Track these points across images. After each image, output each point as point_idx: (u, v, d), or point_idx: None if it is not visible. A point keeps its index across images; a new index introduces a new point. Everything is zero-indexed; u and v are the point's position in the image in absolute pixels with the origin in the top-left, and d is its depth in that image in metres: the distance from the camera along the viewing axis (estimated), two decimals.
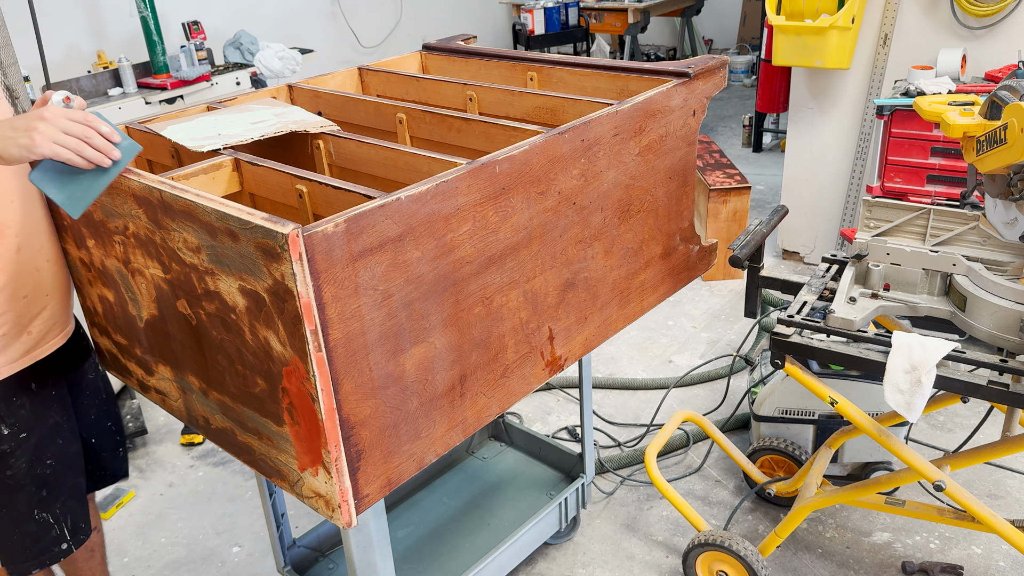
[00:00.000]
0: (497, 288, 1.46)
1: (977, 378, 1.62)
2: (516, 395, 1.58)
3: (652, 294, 1.90)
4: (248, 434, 1.41)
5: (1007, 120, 1.54)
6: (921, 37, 3.40)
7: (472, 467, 2.51)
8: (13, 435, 1.55)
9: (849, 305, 1.83)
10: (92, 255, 1.59)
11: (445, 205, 1.31)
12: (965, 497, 1.80)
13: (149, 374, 1.63)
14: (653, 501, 2.58)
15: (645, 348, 3.44)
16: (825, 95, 3.74)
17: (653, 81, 1.82)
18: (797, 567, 2.29)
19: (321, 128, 1.70)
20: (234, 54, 4.30)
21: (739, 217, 3.86)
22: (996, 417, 2.70)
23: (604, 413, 3.02)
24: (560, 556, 2.40)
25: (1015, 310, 1.65)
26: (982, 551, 2.30)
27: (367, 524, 1.55)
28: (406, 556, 2.19)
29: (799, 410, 2.45)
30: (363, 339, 1.24)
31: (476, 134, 1.71)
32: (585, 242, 1.63)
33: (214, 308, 1.31)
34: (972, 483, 2.55)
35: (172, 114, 1.81)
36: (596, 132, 1.57)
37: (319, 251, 1.14)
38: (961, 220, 1.90)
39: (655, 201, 1.80)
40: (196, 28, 4.04)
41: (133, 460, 2.94)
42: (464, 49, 2.20)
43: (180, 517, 2.65)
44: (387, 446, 1.33)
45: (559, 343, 1.65)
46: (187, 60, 3.88)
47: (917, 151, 3.05)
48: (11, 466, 1.56)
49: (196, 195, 1.24)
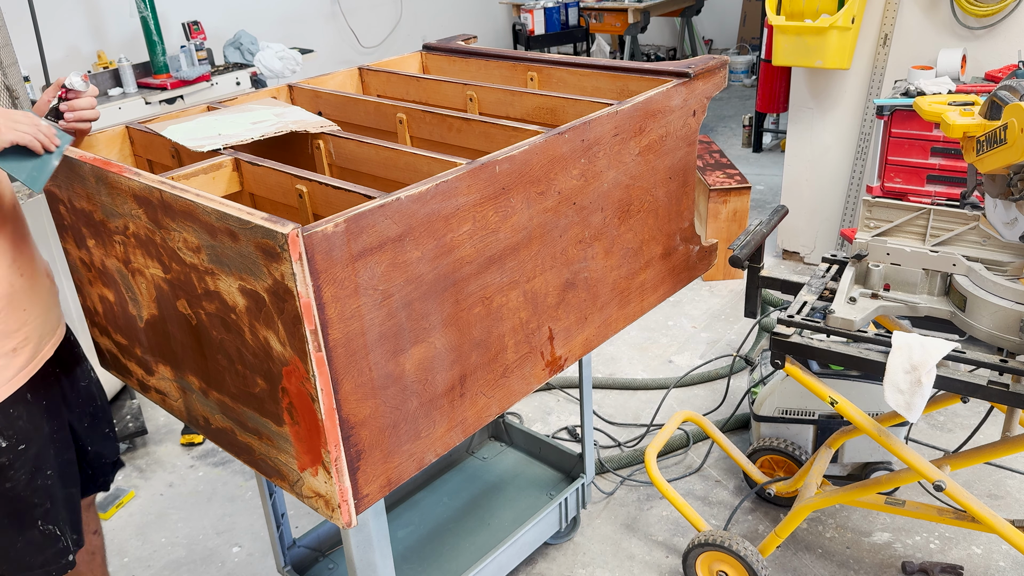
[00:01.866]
0: (497, 288, 1.46)
1: (977, 378, 1.62)
2: (516, 395, 1.58)
3: (652, 294, 1.90)
4: (248, 434, 1.41)
5: (1007, 120, 1.54)
6: (921, 37, 3.40)
7: (472, 467, 2.51)
8: (11, 447, 1.55)
9: (849, 305, 1.83)
10: (92, 255, 1.59)
11: (445, 205, 1.31)
12: (965, 497, 1.80)
13: (149, 374, 1.63)
14: (653, 501, 2.58)
15: (645, 348, 3.44)
16: (825, 95, 3.74)
17: (653, 81, 1.82)
18: (797, 567, 2.29)
19: (321, 128, 1.70)
20: (234, 54, 4.30)
21: (739, 217, 3.86)
22: (996, 417, 2.70)
23: (604, 413, 3.02)
24: (560, 556, 2.40)
25: (1015, 310, 1.65)
26: (982, 551, 2.30)
27: (367, 524, 1.55)
28: (406, 556, 2.19)
29: (799, 410, 2.45)
30: (363, 339, 1.24)
31: (476, 134, 1.71)
32: (585, 242, 1.63)
33: (214, 308, 1.31)
34: (972, 483, 2.55)
35: (172, 114, 1.81)
36: (596, 132, 1.57)
37: (319, 251, 1.14)
38: (961, 220, 1.90)
39: (655, 201, 1.81)
40: (196, 28, 4.04)
41: (133, 460, 2.94)
42: (464, 49, 2.20)
43: (180, 517, 2.65)
44: (387, 446, 1.33)
45: (559, 343, 1.65)
46: (187, 60, 3.88)
47: (917, 151, 3.05)
48: (10, 478, 1.56)
49: (196, 195, 1.24)
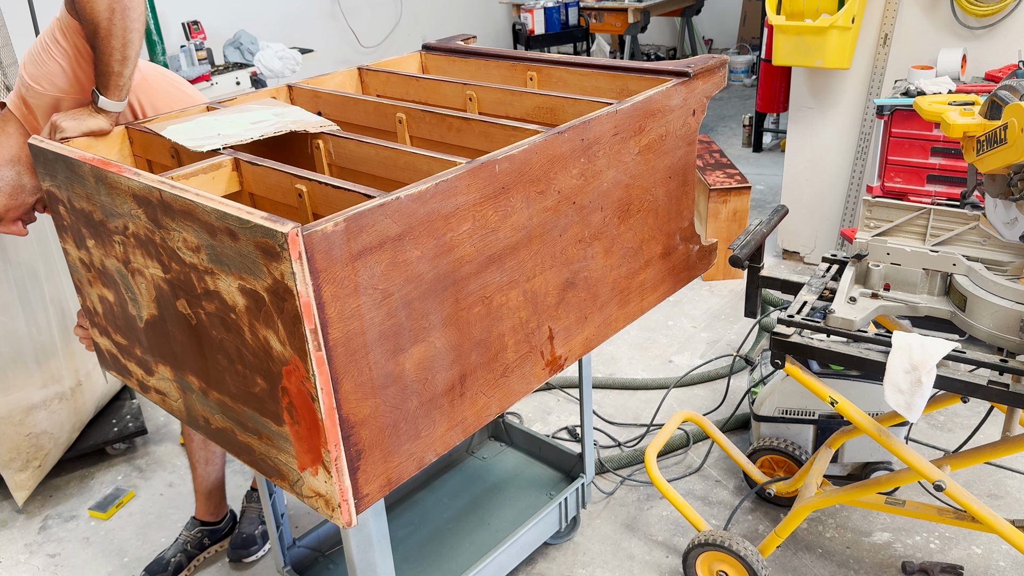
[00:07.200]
0: (497, 287, 1.46)
1: (977, 378, 1.62)
2: (516, 395, 1.58)
3: (652, 294, 1.90)
4: (248, 434, 1.41)
5: (1007, 120, 1.54)
6: (921, 37, 3.40)
7: (472, 467, 2.51)
8: None
9: (849, 305, 1.83)
10: (92, 255, 1.59)
11: (445, 204, 1.31)
12: (965, 497, 1.80)
13: (149, 374, 1.63)
14: (653, 501, 2.58)
15: (645, 348, 3.44)
16: (825, 95, 3.74)
17: (653, 81, 1.82)
18: (797, 567, 2.29)
19: (321, 128, 1.70)
20: (234, 54, 4.30)
21: (739, 217, 3.86)
22: (996, 417, 2.71)
23: (604, 413, 3.02)
24: (560, 556, 2.40)
25: (1015, 310, 1.65)
26: (982, 551, 2.30)
27: (367, 524, 1.55)
28: (406, 556, 2.19)
29: (799, 410, 2.45)
30: (363, 338, 1.24)
31: (476, 134, 1.71)
32: (585, 241, 1.63)
33: (214, 308, 1.31)
34: (972, 483, 2.55)
35: (172, 114, 1.81)
36: (596, 131, 1.57)
37: (319, 250, 1.14)
38: (961, 220, 1.90)
39: (655, 201, 1.80)
40: (196, 28, 4.04)
41: (133, 460, 2.94)
42: (464, 49, 2.20)
43: (180, 517, 2.65)
44: (387, 445, 1.33)
45: (559, 343, 1.65)
46: (187, 60, 3.88)
47: (917, 151, 3.05)
48: None
49: (196, 195, 1.24)
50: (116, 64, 1.66)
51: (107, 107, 1.69)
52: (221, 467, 2.44)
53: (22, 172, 1.85)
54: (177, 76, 2.09)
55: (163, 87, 1.98)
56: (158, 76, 2.00)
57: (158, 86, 1.97)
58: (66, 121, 1.66)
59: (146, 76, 1.95)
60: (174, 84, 2.02)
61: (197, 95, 2.05)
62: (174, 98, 1.98)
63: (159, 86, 1.97)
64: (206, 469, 2.40)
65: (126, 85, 1.70)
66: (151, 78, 1.97)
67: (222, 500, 2.51)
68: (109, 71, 1.66)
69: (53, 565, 2.51)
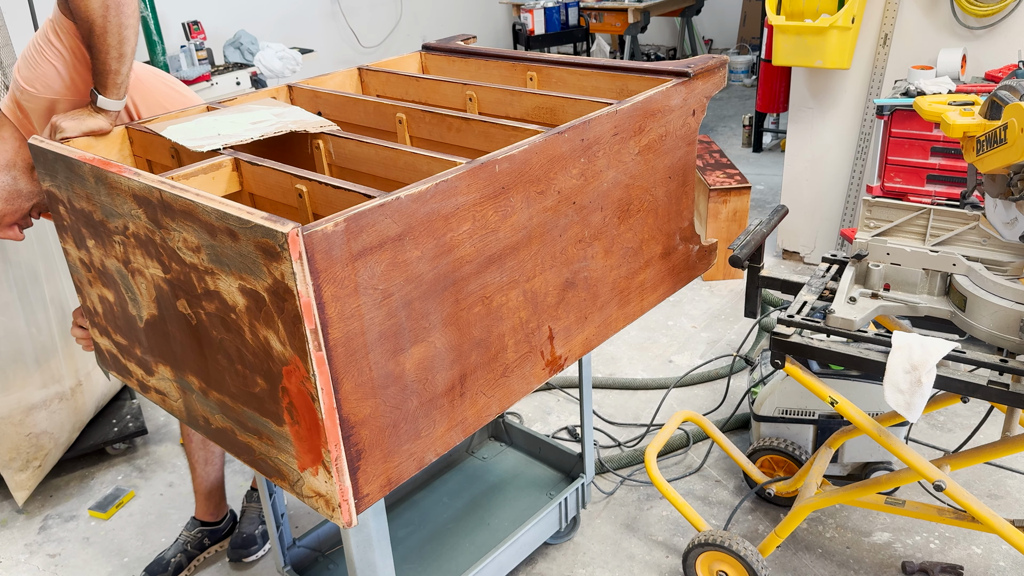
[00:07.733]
0: (497, 288, 1.46)
1: (977, 378, 1.62)
2: (516, 395, 1.58)
3: (652, 294, 1.90)
4: (248, 434, 1.41)
5: (1007, 120, 1.54)
6: (921, 37, 3.40)
7: (472, 467, 2.51)
8: None
9: (849, 305, 1.83)
10: (92, 255, 1.59)
11: (445, 204, 1.31)
12: (965, 497, 1.80)
13: (149, 374, 1.63)
14: (653, 501, 2.58)
15: (645, 348, 3.44)
16: (825, 95, 3.74)
17: (653, 81, 1.82)
18: (797, 567, 2.29)
19: (321, 128, 1.70)
20: (234, 54, 4.30)
21: (739, 217, 3.86)
22: (996, 417, 2.71)
23: (604, 413, 3.02)
24: (560, 556, 2.40)
25: (1015, 310, 1.65)
26: (982, 551, 2.30)
27: (367, 524, 1.55)
28: (406, 556, 2.19)
29: (799, 410, 2.45)
30: (363, 338, 1.24)
31: (476, 134, 1.71)
32: (585, 242, 1.63)
33: (214, 308, 1.31)
34: (972, 483, 2.55)
35: (172, 114, 1.81)
36: (596, 131, 1.57)
37: (319, 250, 1.14)
38: (961, 220, 1.90)
39: (655, 201, 1.81)
40: (196, 28, 4.05)
41: (133, 460, 2.94)
42: (464, 49, 2.20)
43: (180, 517, 2.65)
44: (387, 445, 1.33)
45: (559, 343, 1.65)
46: (187, 60, 3.88)
47: (917, 151, 3.06)
48: None
49: (196, 195, 1.24)
50: (113, 62, 1.66)
51: (106, 106, 1.69)
52: (221, 467, 2.45)
53: (18, 177, 1.85)
54: (171, 76, 2.10)
55: (157, 87, 1.98)
56: (151, 77, 2.00)
57: (152, 86, 1.97)
58: (66, 121, 1.66)
59: (140, 77, 1.95)
60: (168, 84, 2.02)
61: (191, 95, 2.05)
62: (169, 98, 1.98)
63: (153, 86, 1.98)
64: (205, 469, 2.40)
65: (124, 83, 1.70)
66: (145, 79, 1.97)
67: (222, 500, 2.51)
68: (107, 69, 1.66)
69: (53, 565, 2.51)
